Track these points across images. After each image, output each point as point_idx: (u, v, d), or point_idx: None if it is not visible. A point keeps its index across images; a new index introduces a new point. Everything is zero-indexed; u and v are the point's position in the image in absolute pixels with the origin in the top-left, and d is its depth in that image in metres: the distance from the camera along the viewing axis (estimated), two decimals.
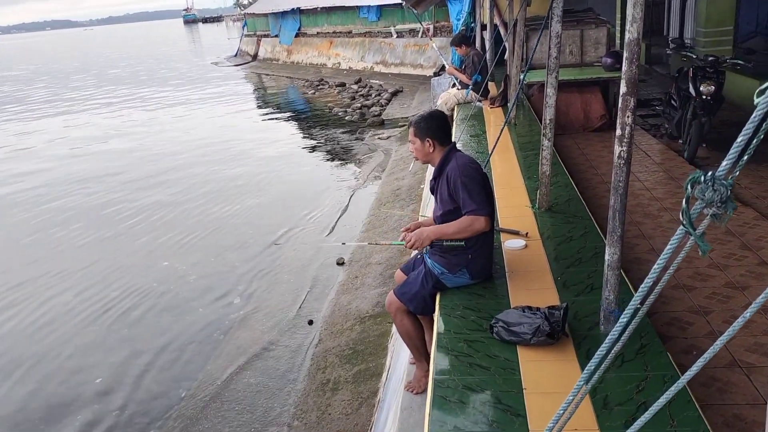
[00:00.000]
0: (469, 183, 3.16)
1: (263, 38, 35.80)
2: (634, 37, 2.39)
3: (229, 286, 7.09)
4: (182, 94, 25.47)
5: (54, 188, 12.01)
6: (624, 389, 2.35)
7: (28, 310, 6.88)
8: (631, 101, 2.46)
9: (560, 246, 3.82)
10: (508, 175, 5.47)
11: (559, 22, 4.09)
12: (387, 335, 5.32)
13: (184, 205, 10.29)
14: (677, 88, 6.70)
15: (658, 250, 4.34)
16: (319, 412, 4.66)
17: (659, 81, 10.68)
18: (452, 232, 3.21)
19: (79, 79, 36.09)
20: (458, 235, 3.19)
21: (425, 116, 3.38)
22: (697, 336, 3.24)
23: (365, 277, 6.64)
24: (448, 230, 3.23)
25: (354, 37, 27.61)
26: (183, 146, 15.36)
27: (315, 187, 10.86)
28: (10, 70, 49.17)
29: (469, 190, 3.15)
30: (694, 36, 9.98)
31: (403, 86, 19.99)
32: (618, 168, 2.56)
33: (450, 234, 3.21)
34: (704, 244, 1.01)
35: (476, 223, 3.14)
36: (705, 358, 1.01)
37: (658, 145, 6.99)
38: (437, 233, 3.25)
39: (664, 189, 5.56)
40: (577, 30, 8.55)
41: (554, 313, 2.72)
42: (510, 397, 2.38)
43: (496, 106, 8.47)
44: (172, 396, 5.20)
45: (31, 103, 26.64)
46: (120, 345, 6.03)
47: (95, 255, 8.31)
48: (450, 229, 3.22)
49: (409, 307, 3.39)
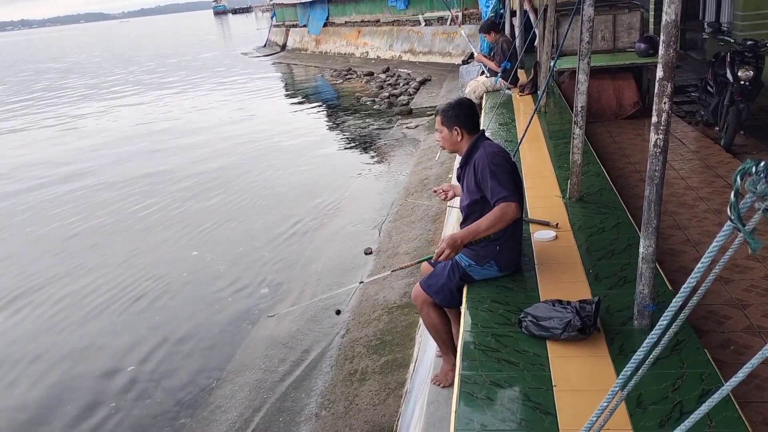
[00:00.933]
0: (498, 171, 3.05)
1: (292, 28, 35.83)
2: (672, 19, 2.28)
3: (258, 276, 7.12)
4: (212, 83, 25.70)
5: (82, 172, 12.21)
6: (659, 387, 2.26)
7: (64, 301, 6.99)
8: (668, 87, 2.35)
9: (592, 237, 3.72)
10: (538, 165, 5.36)
11: (590, 6, 3.97)
12: (414, 326, 5.28)
13: (215, 195, 10.36)
14: (714, 74, 6.50)
15: (694, 240, 4.21)
16: (346, 402, 4.64)
17: (694, 67, 10.39)
18: (485, 228, 3.01)
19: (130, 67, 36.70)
20: (492, 229, 3.01)
21: (452, 104, 3.29)
22: (734, 330, 3.13)
23: (393, 267, 6.59)
24: (481, 227, 3.02)
25: (382, 26, 27.44)
26: (213, 134, 15.52)
27: (342, 175, 10.84)
28: (57, 62, 50.32)
29: (498, 177, 3.03)
30: (732, 20, 9.67)
31: (432, 75, 19.81)
32: (654, 157, 2.45)
33: (483, 230, 3.01)
34: (755, 242, 0.93)
35: (508, 210, 2.98)
36: (753, 364, 0.94)
37: (693, 133, 6.80)
38: (470, 234, 3.03)
39: (700, 178, 5.40)
40: (610, 15, 8.35)
41: (585, 307, 2.64)
42: (539, 394, 2.31)
43: (525, 93, 8.32)
44: (202, 385, 5.24)
45: (96, 88, 27.16)
46: (151, 333, 6.10)
47: (128, 246, 8.42)
48: (482, 226, 3.02)
49: (435, 300, 3.33)
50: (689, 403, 2.15)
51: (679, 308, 1.18)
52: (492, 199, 3.05)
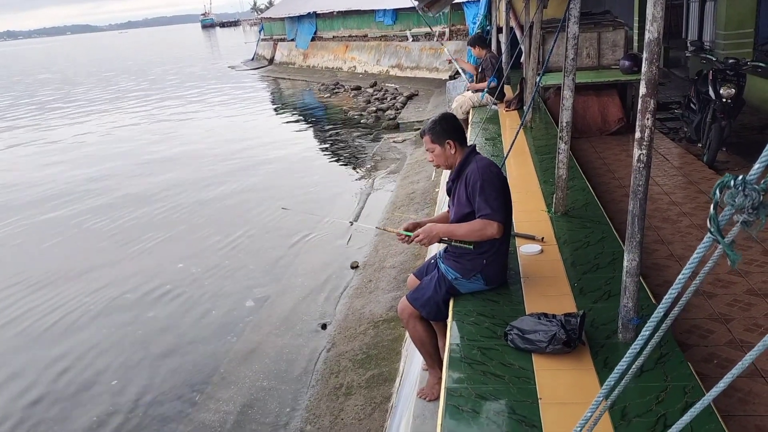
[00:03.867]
0: (487, 187, 3.09)
1: (280, 42, 35.93)
2: (655, 37, 2.32)
3: (243, 289, 7.08)
4: (197, 98, 25.64)
5: (71, 189, 12.11)
6: (643, 400, 2.27)
7: (44, 312, 6.91)
8: (651, 103, 2.39)
9: (577, 251, 3.74)
10: (524, 179, 5.40)
11: (575, 24, 4.03)
12: (400, 340, 5.27)
13: (198, 208, 10.31)
14: (696, 91, 6.60)
15: (677, 255, 4.25)
16: (331, 416, 4.61)
17: (678, 84, 10.55)
18: (462, 233, 3.14)
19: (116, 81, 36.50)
20: (468, 237, 3.12)
21: (437, 120, 3.29)
22: (718, 344, 3.15)
23: (379, 281, 6.60)
24: (459, 231, 3.15)
25: (370, 41, 27.60)
26: (198, 148, 15.45)
27: (330, 190, 10.84)
28: (39, 74, 49.90)
29: (486, 194, 3.07)
30: (714, 38, 9.84)
31: (419, 90, 19.93)
32: (637, 172, 2.49)
33: (460, 235, 3.14)
34: (734, 254, 0.94)
35: (488, 227, 3.06)
36: (733, 374, 0.95)
37: (676, 149, 6.88)
38: (446, 232, 3.18)
39: (683, 193, 5.46)
40: (595, 32, 8.46)
41: (571, 320, 2.65)
42: (525, 407, 2.32)
43: (511, 109, 8.40)
44: (185, 399, 5.18)
45: (69, 103, 26.97)
46: (134, 347, 6.03)
47: (111, 258, 8.35)
48: (461, 230, 3.15)
49: (421, 313, 3.33)
50: (673, 415, 2.16)
51: (660, 319, 1.20)
52: (477, 214, 3.12)
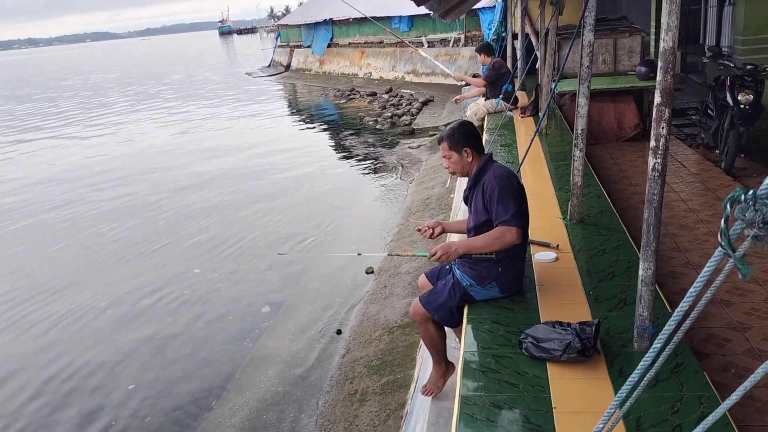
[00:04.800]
0: (504, 194, 3.09)
1: (296, 49, 36.16)
2: (669, 46, 2.32)
3: (259, 295, 7.12)
4: (216, 103, 25.87)
5: (84, 189, 12.27)
6: (658, 410, 2.26)
7: (63, 316, 7.00)
8: (665, 112, 2.39)
9: (592, 259, 3.73)
10: (539, 186, 5.39)
11: (591, 31, 4.03)
12: (415, 346, 5.27)
13: (213, 212, 10.39)
14: (714, 97, 6.55)
15: (694, 263, 4.22)
16: (346, 423, 4.62)
17: (695, 90, 10.46)
18: (481, 246, 3.12)
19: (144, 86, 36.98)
20: (488, 248, 3.10)
21: (455, 128, 3.32)
22: (735, 353, 3.13)
23: (394, 287, 6.61)
24: (477, 243, 3.14)
25: (385, 47, 27.69)
26: (216, 153, 15.58)
27: (345, 195, 10.88)
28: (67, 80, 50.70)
29: (504, 201, 3.07)
30: (732, 44, 9.75)
31: (434, 96, 19.95)
32: (652, 180, 2.48)
33: (479, 248, 3.12)
34: (745, 267, 0.95)
35: (507, 234, 3.04)
36: (745, 386, 0.95)
37: (694, 156, 6.83)
38: (466, 247, 3.15)
39: (701, 200, 5.42)
40: (611, 38, 8.43)
41: (586, 329, 2.65)
42: (539, 416, 2.32)
43: (527, 115, 8.39)
44: (201, 404, 5.22)
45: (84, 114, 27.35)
46: (151, 351, 6.09)
47: (129, 263, 8.44)
48: (479, 243, 3.13)
49: (434, 317, 3.35)
50: (688, 425, 2.15)
51: (675, 328, 1.20)
52: (495, 222, 3.10)
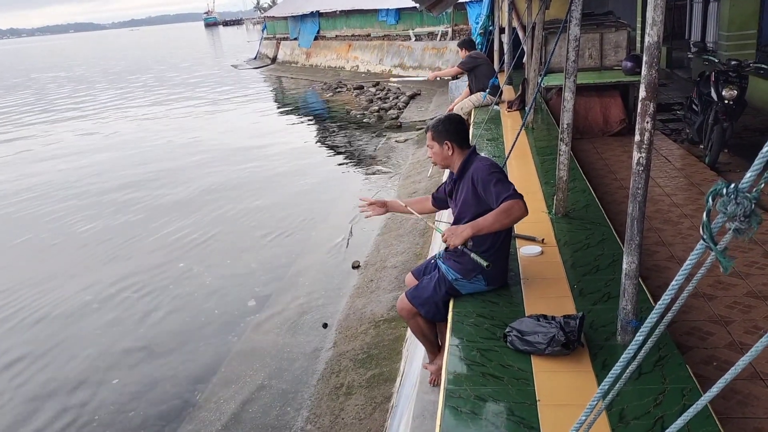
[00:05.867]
0: (498, 175, 3.08)
1: (282, 41, 35.95)
2: (654, 40, 2.33)
3: (245, 289, 7.09)
4: (200, 96, 25.68)
5: (66, 182, 12.15)
6: (641, 402, 2.28)
7: (44, 310, 6.93)
8: (650, 106, 2.40)
9: (577, 253, 3.75)
10: (525, 180, 5.40)
11: (577, 25, 4.03)
12: (401, 340, 5.28)
13: (201, 206, 10.33)
14: (699, 93, 6.60)
15: (678, 257, 4.25)
16: (332, 416, 4.63)
17: (680, 85, 10.54)
18: (490, 223, 2.98)
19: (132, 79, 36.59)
20: (497, 224, 2.97)
21: (442, 119, 3.34)
22: (717, 347, 3.16)
23: (380, 281, 6.61)
24: (486, 221, 2.99)
25: (372, 41, 27.62)
26: (199, 146, 15.48)
27: (332, 188, 10.86)
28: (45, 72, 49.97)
29: (500, 181, 3.06)
30: (717, 40, 9.83)
31: (421, 89, 19.94)
32: (637, 175, 2.49)
33: (488, 225, 2.98)
34: (726, 260, 0.95)
35: (514, 207, 2.95)
36: (726, 379, 0.96)
37: (678, 150, 6.88)
38: (474, 228, 2.99)
39: (685, 195, 5.47)
40: (597, 33, 8.46)
41: (570, 322, 2.66)
42: (523, 408, 2.33)
43: (513, 109, 8.40)
44: (187, 398, 5.20)
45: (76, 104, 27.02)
46: (135, 345, 6.05)
47: (111, 256, 8.37)
48: (487, 221, 2.99)
49: (420, 311, 3.36)
50: (671, 418, 2.17)
51: (657, 320, 1.20)
52: (497, 201, 3.01)
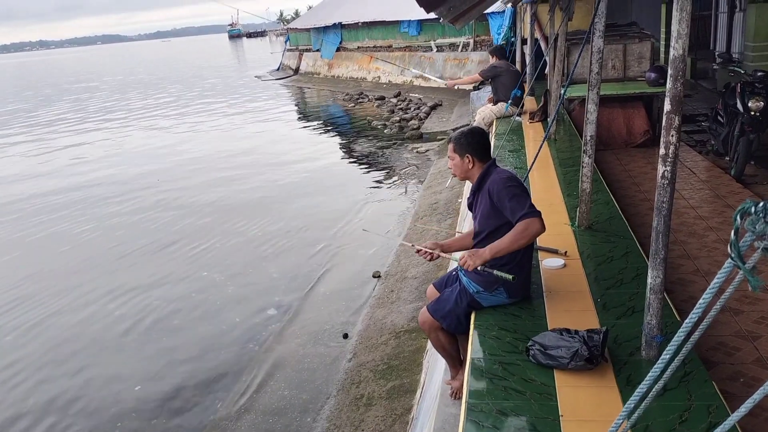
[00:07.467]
0: (514, 190, 3.08)
1: (305, 52, 36.24)
2: (680, 53, 2.32)
3: (267, 298, 7.13)
4: (225, 106, 25.98)
5: (90, 194, 12.33)
6: (666, 419, 2.25)
7: (68, 317, 7.03)
8: (675, 119, 2.38)
9: (600, 266, 3.72)
10: (547, 192, 5.37)
11: (600, 37, 4.02)
12: (422, 351, 5.26)
13: (227, 216, 10.42)
14: (724, 104, 6.52)
15: (704, 271, 4.19)
16: (352, 427, 4.62)
17: (705, 96, 10.41)
18: (508, 244, 3.00)
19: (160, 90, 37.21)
20: (515, 244, 3.00)
21: (465, 132, 3.35)
22: (744, 362, 3.10)
23: (401, 292, 6.60)
24: (503, 243, 3.02)
25: (394, 51, 27.71)
26: (225, 156, 15.63)
27: (353, 199, 10.88)
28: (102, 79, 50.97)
29: (517, 196, 3.06)
30: (742, 50, 9.72)
31: (442, 100, 19.95)
32: (662, 188, 2.47)
33: (505, 247, 3.01)
34: (755, 279, 0.94)
35: (531, 225, 2.98)
36: (755, 399, 0.95)
37: (703, 162, 6.80)
38: (492, 251, 3.03)
39: (710, 207, 5.39)
40: (620, 44, 8.42)
41: (593, 336, 2.63)
42: (546, 424, 2.31)
43: (535, 120, 8.37)
44: (208, 406, 5.23)
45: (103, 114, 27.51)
46: (158, 353, 6.11)
47: (137, 266, 8.47)
48: (504, 242, 3.01)
49: (442, 324, 3.35)
50: None
51: (684, 339, 1.19)
52: (514, 218, 3.04)
